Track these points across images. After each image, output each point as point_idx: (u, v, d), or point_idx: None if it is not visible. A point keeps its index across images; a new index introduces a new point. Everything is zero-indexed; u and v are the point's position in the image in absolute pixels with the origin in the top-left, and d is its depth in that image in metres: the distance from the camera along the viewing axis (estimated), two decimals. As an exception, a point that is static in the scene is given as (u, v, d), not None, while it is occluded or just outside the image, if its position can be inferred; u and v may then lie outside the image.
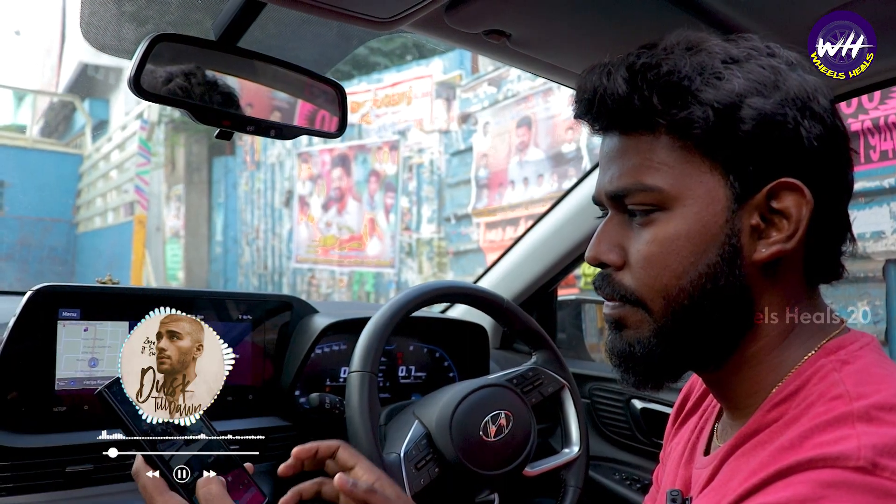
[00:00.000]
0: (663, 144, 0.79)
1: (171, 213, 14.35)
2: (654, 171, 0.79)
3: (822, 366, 0.76)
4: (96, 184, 15.05)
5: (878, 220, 3.53)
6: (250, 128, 1.16)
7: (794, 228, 0.77)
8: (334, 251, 10.48)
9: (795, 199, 0.77)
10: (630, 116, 0.80)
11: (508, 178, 7.45)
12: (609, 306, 0.86)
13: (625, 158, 0.82)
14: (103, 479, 1.36)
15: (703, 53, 0.79)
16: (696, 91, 0.76)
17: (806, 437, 0.68)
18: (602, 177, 0.85)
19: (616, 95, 0.79)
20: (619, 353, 0.85)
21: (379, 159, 9.55)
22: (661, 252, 0.79)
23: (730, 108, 0.76)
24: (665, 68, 0.78)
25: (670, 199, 0.79)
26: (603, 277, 0.85)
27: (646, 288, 0.81)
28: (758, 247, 0.78)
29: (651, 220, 0.80)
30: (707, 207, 0.78)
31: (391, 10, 1.05)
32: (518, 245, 2.10)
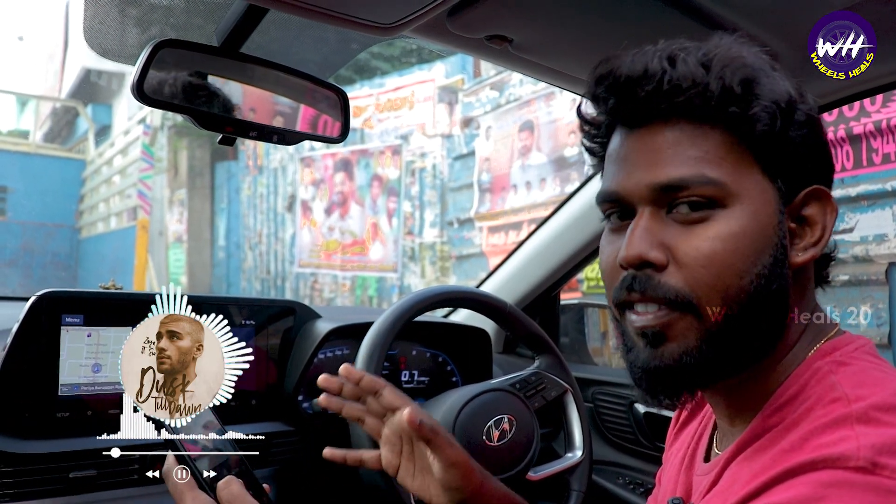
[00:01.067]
0: (721, 139, 0.77)
1: (173, 218, 14.37)
2: (714, 164, 0.76)
3: (818, 368, 0.76)
4: (99, 189, 15.09)
5: (880, 222, 3.53)
6: (253, 133, 1.16)
7: (821, 235, 0.79)
8: (337, 256, 10.48)
9: (822, 206, 0.79)
10: (697, 104, 0.76)
11: (511, 182, 7.45)
12: (650, 314, 0.78)
13: (679, 149, 0.77)
14: (107, 484, 1.36)
15: (759, 56, 0.79)
16: (764, 87, 0.76)
17: (806, 440, 0.68)
18: (635, 170, 0.80)
19: (693, 79, 0.76)
20: (655, 370, 0.79)
21: (381, 164, 9.56)
22: (725, 250, 0.75)
23: (788, 110, 0.76)
24: (744, 59, 0.77)
25: (730, 196, 0.76)
26: (644, 280, 0.78)
27: (704, 288, 0.75)
28: (793, 251, 0.79)
29: (708, 216, 0.76)
30: (763, 207, 0.77)
31: (393, 16, 1.05)
32: (521, 249, 2.10)
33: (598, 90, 0.82)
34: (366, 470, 1.31)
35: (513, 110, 7.44)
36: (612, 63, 0.80)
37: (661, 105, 0.77)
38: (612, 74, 0.79)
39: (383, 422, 1.11)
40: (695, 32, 0.97)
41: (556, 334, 2.19)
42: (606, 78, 0.80)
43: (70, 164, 15.98)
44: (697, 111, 0.76)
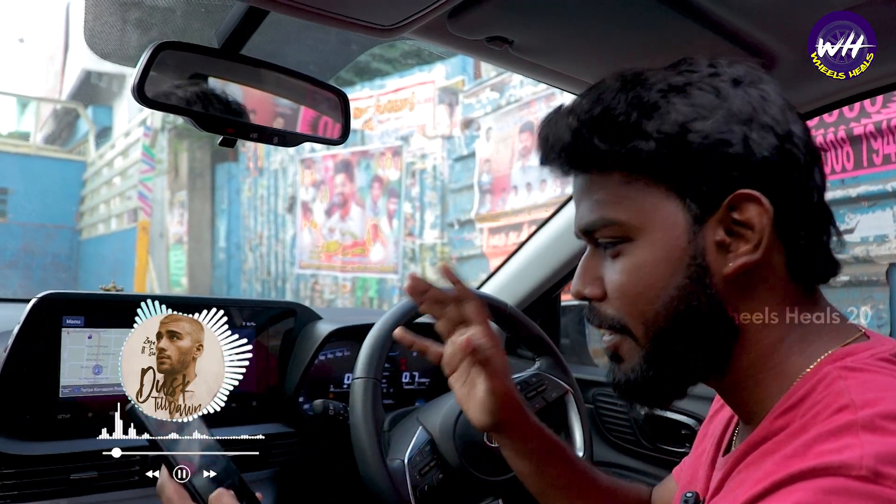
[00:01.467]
0: (617, 179, 0.82)
1: (174, 220, 14.36)
2: (614, 204, 0.82)
3: (827, 373, 0.76)
4: (99, 190, 15.08)
5: (881, 223, 3.53)
6: (253, 135, 1.16)
7: (759, 238, 0.78)
8: (337, 257, 10.48)
9: (755, 208, 0.78)
10: (580, 159, 0.84)
11: (511, 184, 7.45)
12: (604, 338, 0.89)
13: (588, 195, 0.85)
14: (108, 486, 1.36)
15: (639, 88, 0.81)
16: (635, 125, 0.79)
17: (810, 446, 0.69)
18: (576, 214, 0.89)
19: (562, 143, 0.83)
20: (619, 384, 0.88)
21: (382, 165, 9.56)
22: (632, 281, 0.82)
23: (673, 136, 0.78)
24: (599, 109, 0.81)
25: (633, 230, 0.82)
26: (590, 310, 0.89)
27: (626, 316, 0.84)
28: (726, 261, 0.80)
29: (619, 251, 0.83)
30: (668, 233, 0.80)
31: (393, 18, 1.05)
32: (521, 250, 2.10)
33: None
34: (366, 471, 1.31)
35: (513, 111, 7.44)
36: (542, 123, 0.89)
37: (560, 163, 0.86)
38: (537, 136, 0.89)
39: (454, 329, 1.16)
40: (694, 34, 0.98)
41: (556, 336, 2.19)
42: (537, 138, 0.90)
43: (70, 165, 15.97)
44: (586, 163, 0.84)
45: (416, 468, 1.34)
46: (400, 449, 1.38)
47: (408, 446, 1.36)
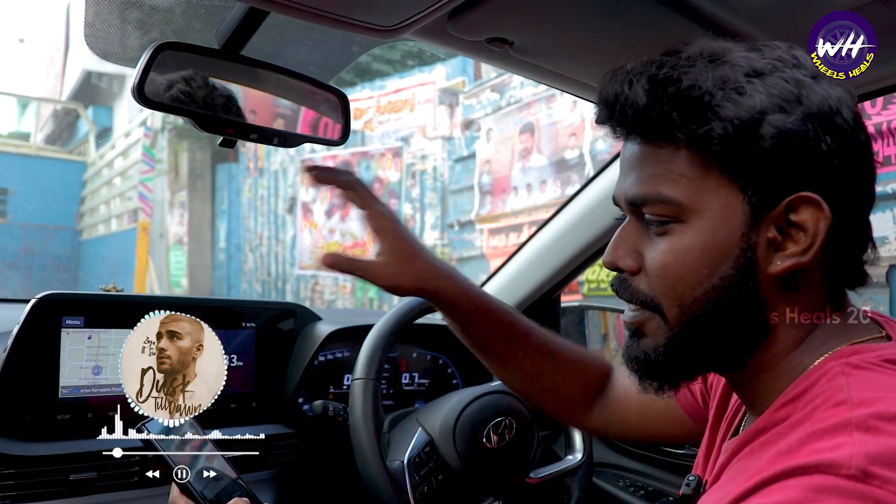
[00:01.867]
0: (682, 157, 0.79)
1: (174, 220, 14.37)
2: (672, 182, 0.79)
3: (829, 368, 0.76)
4: (100, 191, 15.09)
5: (881, 225, 3.53)
6: (254, 136, 1.16)
7: (811, 242, 0.78)
8: (337, 258, 10.47)
9: (813, 212, 0.77)
10: (650, 127, 0.80)
11: (511, 185, 7.45)
12: (629, 312, 0.86)
13: (644, 167, 0.82)
14: (107, 486, 1.36)
15: (727, 66, 0.78)
16: (717, 106, 0.76)
17: (804, 443, 0.69)
18: (622, 181, 0.85)
19: (636, 106, 0.79)
20: (635, 359, 0.86)
21: (382, 166, 9.56)
22: (677, 263, 0.80)
23: (749, 125, 0.75)
24: (686, 83, 0.77)
25: (687, 212, 0.79)
26: (621, 282, 0.86)
27: (661, 296, 0.82)
28: (774, 260, 0.79)
29: (667, 230, 0.81)
30: (724, 222, 0.78)
31: (394, 19, 1.05)
32: (521, 251, 2.10)
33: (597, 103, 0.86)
34: (366, 472, 1.31)
35: (513, 112, 7.44)
36: (605, 77, 0.83)
37: (623, 126, 0.82)
38: (599, 92, 0.84)
39: None
40: (695, 35, 0.97)
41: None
42: (598, 95, 0.84)
43: (71, 166, 15.98)
44: (653, 132, 0.80)
45: (415, 469, 1.34)
46: (400, 450, 1.38)
47: (407, 447, 1.36)
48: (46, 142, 17.76)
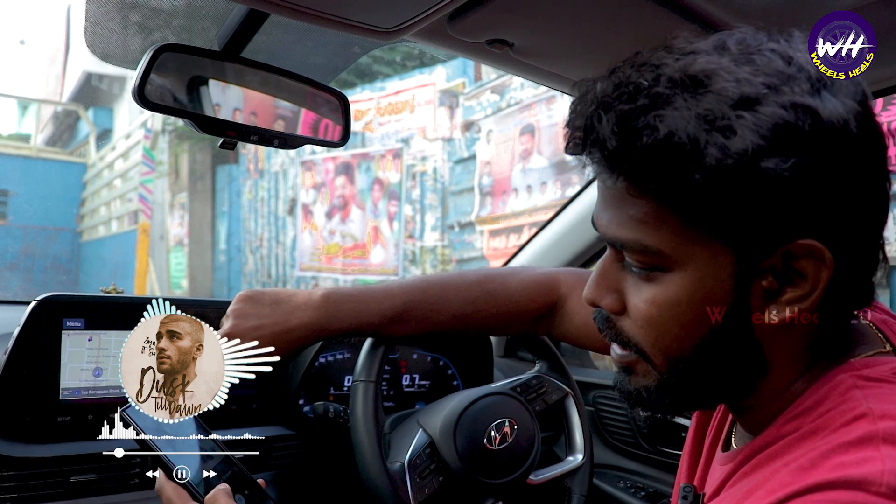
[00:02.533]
0: (664, 207, 0.69)
1: (174, 222, 14.36)
2: (654, 229, 0.71)
3: (841, 381, 0.71)
4: (100, 193, 15.08)
5: (881, 226, 3.53)
6: (254, 137, 1.17)
7: (811, 289, 0.70)
8: (338, 259, 10.48)
9: (813, 261, 0.68)
10: (625, 169, 0.69)
11: (512, 186, 7.45)
12: (616, 352, 0.82)
13: (622, 207, 0.72)
14: (108, 488, 1.36)
15: (711, 97, 0.66)
16: (698, 155, 0.65)
17: (826, 457, 0.65)
18: (601, 211, 0.76)
19: (605, 148, 0.69)
20: (628, 393, 0.83)
21: (382, 167, 9.56)
22: (662, 315, 0.73)
23: (737, 173, 0.64)
24: (663, 130, 0.65)
25: (671, 262, 0.71)
26: (605, 320, 0.80)
27: (647, 344, 0.76)
28: (770, 308, 0.71)
29: (650, 276, 0.73)
30: (711, 273, 0.70)
31: (394, 21, 1.05)
32: (521, 253, 2.10)
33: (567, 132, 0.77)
34: (366, 473, 1.31)
35: (513, 114, 7.44)
36: (577, 102, 0.75)
37: (589, 159, 0.73)
38: (569, 118, 0.76)
39: None
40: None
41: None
42: (567, 119, 0.76)
43: (71, 167, 15.96)
44: (626, 173, 0.70)
45: (416, 471, 1.33)
46: (400, 452, 1.37)
47: (408, 449, 1.36)
48: (47, 143, 17.75)
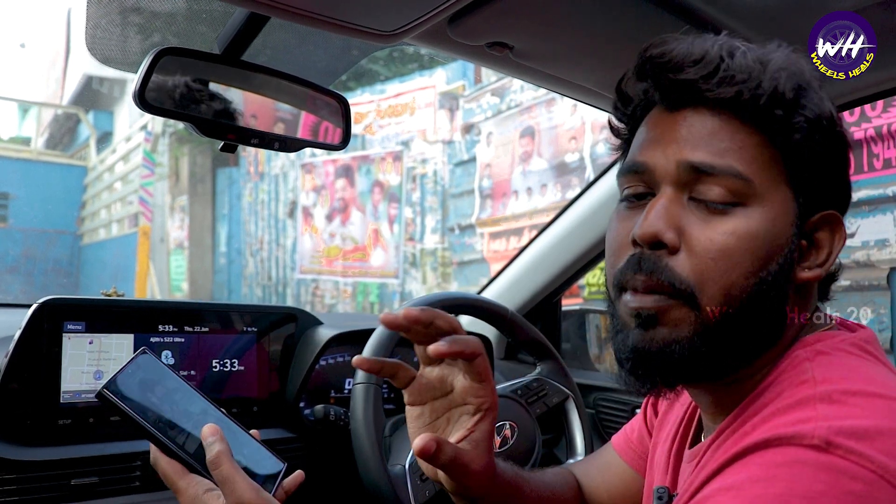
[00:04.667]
0: (758, 139, 0.77)
1: (175, 225, 14.37)
2: (746, 161, 0.76)
3: (796, 356, 0.76)
4: (100, 195, 15.09)
5: (881, 228, 3.53)
6: (254, 140, 1.17)
7: (826, 258, 0.80)
8: (338, 262, 10.47)
9: (832, 231, 0.80)
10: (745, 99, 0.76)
11: (512, 188, 7.45)
12: (648, 297, 0.77)
13: (716, 137, 0.77)
14: (109, 491, 1.36)
15: (812, 68, 0.79)
16: (811, 99, 0.77)
17: (766, 420, 0.68)
18: (668, 147, 0.79)
19: (748, 74, 0.75)
20: (646, 353, 0.77)
21: (382, 170, 9.56)
22: (739, 247, 0.75)
23: (825, 128, 0.77)
24: (800, 66, 0.77)
25: (754, 196, 0.76)
26: (653, 260, 0.77)
27: (709, 281, 0.75)
28: (800, 267, 0.79)
29: (728, 211, 0.76)
30: (782, 216, 0.77)
31: (394, 24, 1.05)
32: (522, 255, 2.10)
33: (650, 67, 0.81)
34: (367, 476, 1.31)
35: (514, 116, 7.44)
36: (667, 44, 0.79)
37: (711, 90, 0.77)
38: (668, 54, 0.78)
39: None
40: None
41: (557, 340, 2.19)
42: (661, 56, 0.79)
43: (72, 170, 15.99)
44: (743, 105, 0.76)
45: (417, 473, 1.33)
46: (401, 454, 1.38)
47: (409, 451, 1.36)
48: (47, 146, 17.78)
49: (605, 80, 1.33)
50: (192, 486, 0.91)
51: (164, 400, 0.96)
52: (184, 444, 0.94)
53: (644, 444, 1.13)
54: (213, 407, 0.99)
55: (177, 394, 0.98)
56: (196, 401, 0.99)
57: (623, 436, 1.20)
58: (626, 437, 1.19)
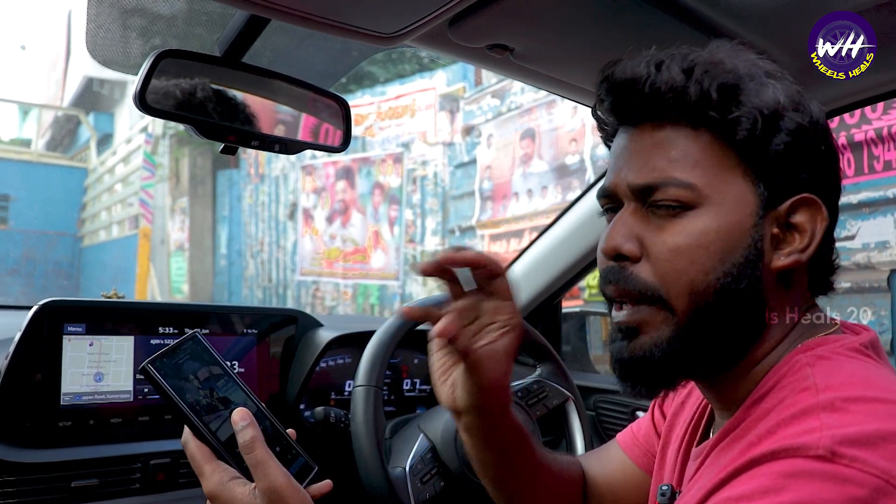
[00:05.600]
0: (703, 142, 0.80)
1: (175, 227, 14.38)
2: (688, 167, 0.80)
3: (796, 361, 0.78)
4: (101, 197, 15.11)
5: (882, 229, 3.53)
6: (255, 142, 1.16)
7: (808, 242, 0.81)
8: (338, 264, 10.48)
9: (813, 214, 0.81)
10: (677, 108, 0.80)
11: (512, 190, 7.45)
12: (624, 310, 0.83)
13: (658, 151, 0.81)
14: (109, 493, 1.36)
15: (749, 63, 0.81)
16: (748, 93, 0.79)
17: (772, 431, 0.70)
18: (623, 169, 0.84)
19: (671, 84, 0.79)
20: (630, 361, 0.83)
21: (383, 172, 9.57)
22: (690, 245, 0.79)
23: (773, 117, 0.78)
24: (726, 66, 0.80)
25: (701, 197, 0.79)
26: (618, 271, 0.83)
27: (670, 282, 0.80)
28: (776, 255, 0.81)
29: (679, 214, 0.80)
30: (736, 210, 0.80)
31: (395, 26, 1.05)
32: (522, 257, 2.10)
33: (600, 91, 0.86)
34: (367, 478, 1.31)
35: (514, 118, 7.45)
36: (612, 66, 0.84)
37: (645, 107, 0.82)
38: (610, 77, 0.84)
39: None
40: (695, 41, 0.98)
41: (557, 342, 2.19)
42: (606, 80, 0.85)
43: (72, 172, 16.00)
44: (679, 114, 0.80)
45: (417, 476, 1.34)
46: (401, 456, 1.38)
47: (409, 454, 1.36)
48: (48, 148, 17.80)
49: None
50: (217, 471, 0.90)
51: (206, 385, 0.96)
52: (217, 430, 0.93)
53: (650, 441, 1.17)
54: (253, 400, 1.00)
55: (220, 380, 0.98)
56: (237, 392, 0.99)
57: (629, 432, 1.23)
58: (631, 433, 1.22)
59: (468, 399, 0.95)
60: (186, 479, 1.45)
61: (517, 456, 1.06)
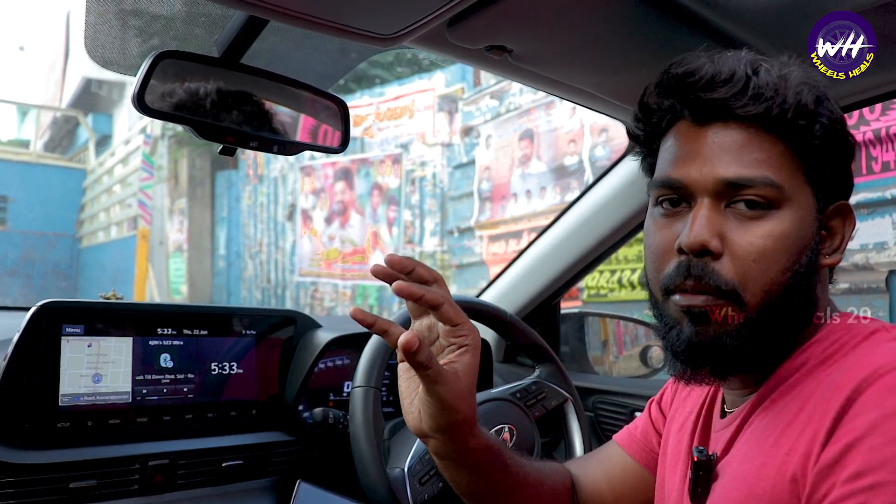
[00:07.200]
0: (781, 147, 0.85)
1: (174, 228, 14.37)
2: (776, 168, 0.84)
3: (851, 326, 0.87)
4: (100, 198, 15.08)
5: (880, 230, 3.53)
6: (253, 143, 1.16)
7: (840, 243, 0.90)
8: (337, 264, 10.47)
9: (844, 219, 0.91)
10: (772, 112, 0.84)
11: (511, 191, 7.45)
12: (698, 297, 0.86)
13: (746, 150, 0.85)
14: (107, 494, 1.36)
15: (821, 77, 0.89)
16: (827, 108, 0.86)
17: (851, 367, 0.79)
18: (700, 163, 0.87)
19: (773, 90, 0.84)
20: (699, 345, 0.86)
21: (381, 172, 9.56)
22: (776, 247, 0.84)
23: (840, 131, 0.87)
24: (815, 78, 0.86)
25: (785, 199, 0.84)
26: (700, 266, 0.85)
27: (750, 281, 0.84)
28: (822, 255, 0.89)
29: (762, 215, 0.84)
30: (807, 213, 0.86)
31: (393, 27, 1.05)
32: (521, 258, 2.10)
33: (676, 84, 0.89)
34: (366, 480, 1.31)
35: (513, 119, 7.44)
36: (693, 62, 0.88)
37: (742, 107, 0.85)
38: (698, 73, 0.86)
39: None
40: (694, 43, 0.98)
41: (556, 343, 2.19)
42: (690, 75, 0.87)
43: (71, 173, 15.98)
44: (769, 118, 0.84)
45: (416, 477, 1.33)
46: (400, 457, 1.37)
47: (408, 455, 1.36)
48: (46, 149, 17.77)
49: (604, 84, 1.33)
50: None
51: None
52: None
53: (648, 438, 1.19)
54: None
55: None
56: None
57: (626, 431, 1.25)
58: (629, 432, 1.24)
59: (432, 421, 0.93)
60: (185, 480, 1.45)
61: (492, 474, 1.05)
